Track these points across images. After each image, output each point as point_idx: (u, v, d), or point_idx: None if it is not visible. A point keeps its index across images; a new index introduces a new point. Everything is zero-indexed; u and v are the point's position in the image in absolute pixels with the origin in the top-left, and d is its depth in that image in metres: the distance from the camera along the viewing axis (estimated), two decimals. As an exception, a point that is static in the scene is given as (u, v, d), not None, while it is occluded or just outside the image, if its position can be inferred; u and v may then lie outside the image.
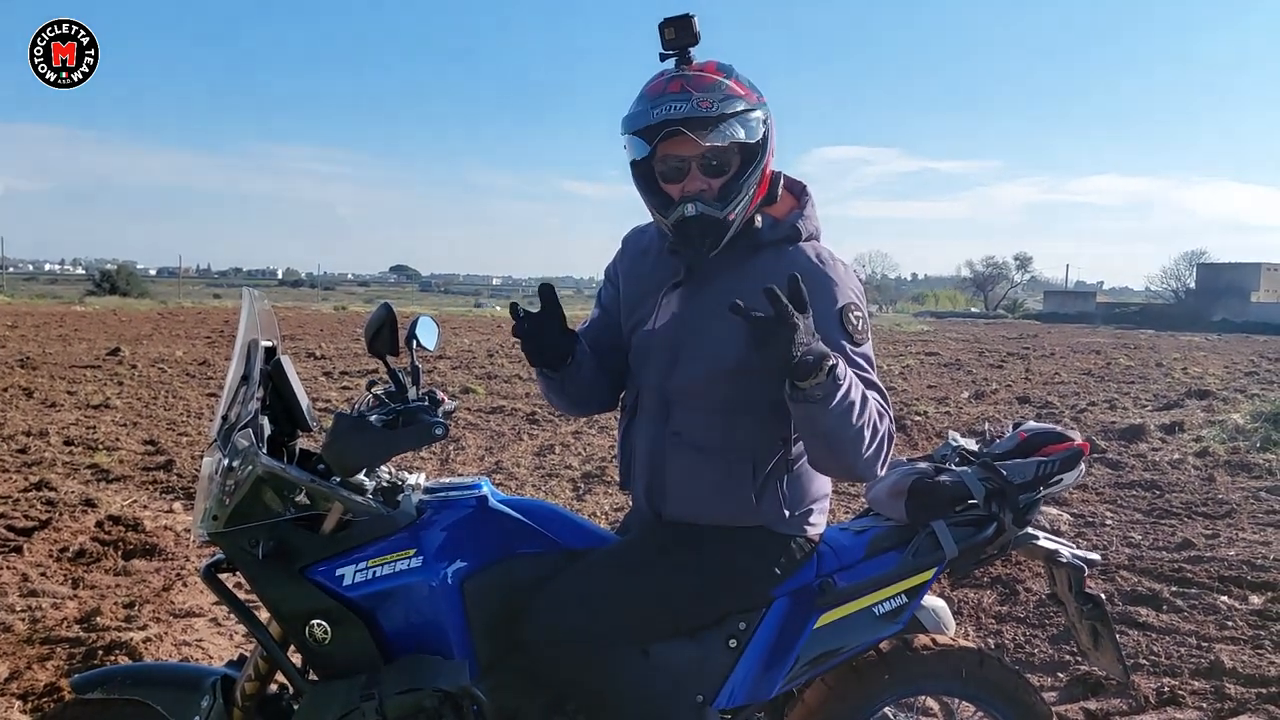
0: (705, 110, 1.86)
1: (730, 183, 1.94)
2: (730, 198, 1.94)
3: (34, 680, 3.38)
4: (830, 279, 1.97)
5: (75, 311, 26.53)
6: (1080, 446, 2.23)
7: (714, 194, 1.94)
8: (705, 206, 1.93)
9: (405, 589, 2.00)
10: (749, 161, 1.95)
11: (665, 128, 1.87)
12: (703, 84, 1.89)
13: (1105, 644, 2.26)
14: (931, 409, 11.02)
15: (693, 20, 1.93)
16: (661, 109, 1.87)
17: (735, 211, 1.96)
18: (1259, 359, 20.34)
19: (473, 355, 16.15)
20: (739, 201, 1.95)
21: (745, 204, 1.97)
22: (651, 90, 1.92)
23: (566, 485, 6.77)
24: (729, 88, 1.90)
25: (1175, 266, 57.78)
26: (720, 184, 1.94)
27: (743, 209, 1.97)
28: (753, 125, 1.92)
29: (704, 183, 1.94)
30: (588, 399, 2.21)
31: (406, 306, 22.83)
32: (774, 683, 2.08)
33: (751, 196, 1.98)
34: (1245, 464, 7.83)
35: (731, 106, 1.89)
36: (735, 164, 1.94)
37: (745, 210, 1.98)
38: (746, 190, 1.96)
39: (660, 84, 1.92)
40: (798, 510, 2.07)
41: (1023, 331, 33.71)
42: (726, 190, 1.94)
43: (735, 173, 1.95)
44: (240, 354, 2.07)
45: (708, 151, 1.91)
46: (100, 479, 6.58)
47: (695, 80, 1.90)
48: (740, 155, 1.94)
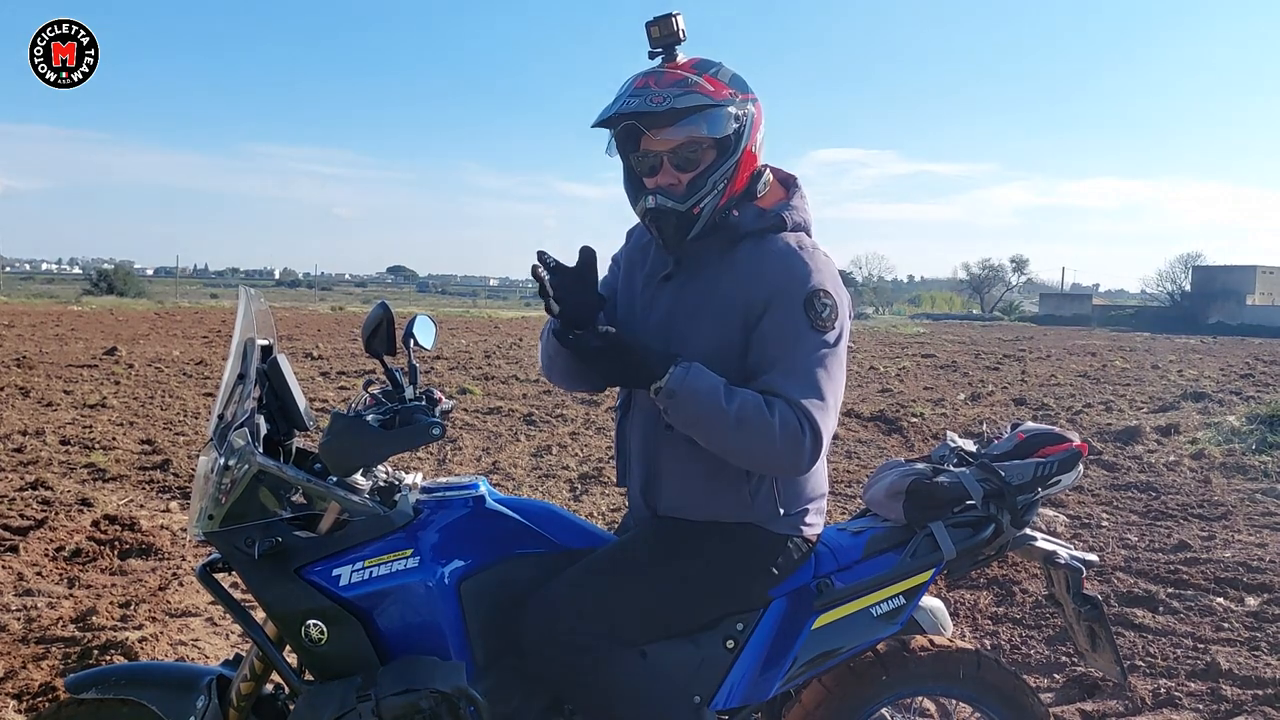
0: (655, 105, 1.90)
1: (698, 178, 1.97)
2: (696, 191, 1.97)
3: (29, 680, 3.37)
4: (804, 263, 1.99)
5: (72, 311, 26.49)
6: (1078, 448, 2.23)
7: (681, 188, 1.98)
8: (665, 199, 1.97)
9: (402, 589, 1.99)
10: (721, 156, 1.97)
11: (620, 121, 1.93)
12: (666, 81, 1.93)
13: (1102, 645, 2.25)
14: (928, 410, 11.04)
15: (675, 18, 1.97)
16: (619, 103, 1.93)
17: (701, 205, 1.98)
18: (1254, 361, 20.37)
19: (470, 356, 16.15)
20: (705, 195, 1.98)
21: (715, 198, 1.99)
22: (624, 86, 1.98)
23: (564, 486, 6.77)
24: (696, 84, 1.93)
25: (1170, 269, 57.78)
26: (689, 178, 1.98)
27: (711, 202, 1.99)
28: (717, 120, 1.94)
29: (674, 177, 1.98)
30: (584, 374, 2.20)
31: (404, 307, 22.81)
32: (771, 683, 2.07)
33: (724, 190, 2.00)
34: (1241, 466, 7.85)
35: (686, 102, 1.91)
36: (708, 158, 1.98)
37: (715, 203, 2.00)
38: (715, 184, 1.98)
39: (630, 80, 1.98)
40: (793, 509, 2.07)
41: (1019, 334, 33.76)
42: (694, 184, 1.98)
43: (706, 168, 1.97)
44: (237, 353, 2.07)
45: (677, 146, 1.96)
46: (96, 478, 6.56)
47: (661, 77, 1.94)
48: (715, 149, 1.97)
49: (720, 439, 1.90)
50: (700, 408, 1.88)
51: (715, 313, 2.01)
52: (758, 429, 1.86)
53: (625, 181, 2.06)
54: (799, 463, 1.89)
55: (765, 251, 2.00)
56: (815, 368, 1.91)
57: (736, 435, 1.87)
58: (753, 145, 2.01)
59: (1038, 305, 63.41)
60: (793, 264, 1.98)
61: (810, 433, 1.87)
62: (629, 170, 2.04)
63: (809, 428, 1.87)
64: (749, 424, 1.86)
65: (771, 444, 1.86)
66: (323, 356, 15.22)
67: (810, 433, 1.87)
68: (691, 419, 1.90)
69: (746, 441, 1.88)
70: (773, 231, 2.04)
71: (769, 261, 1.99)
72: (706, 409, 1.87)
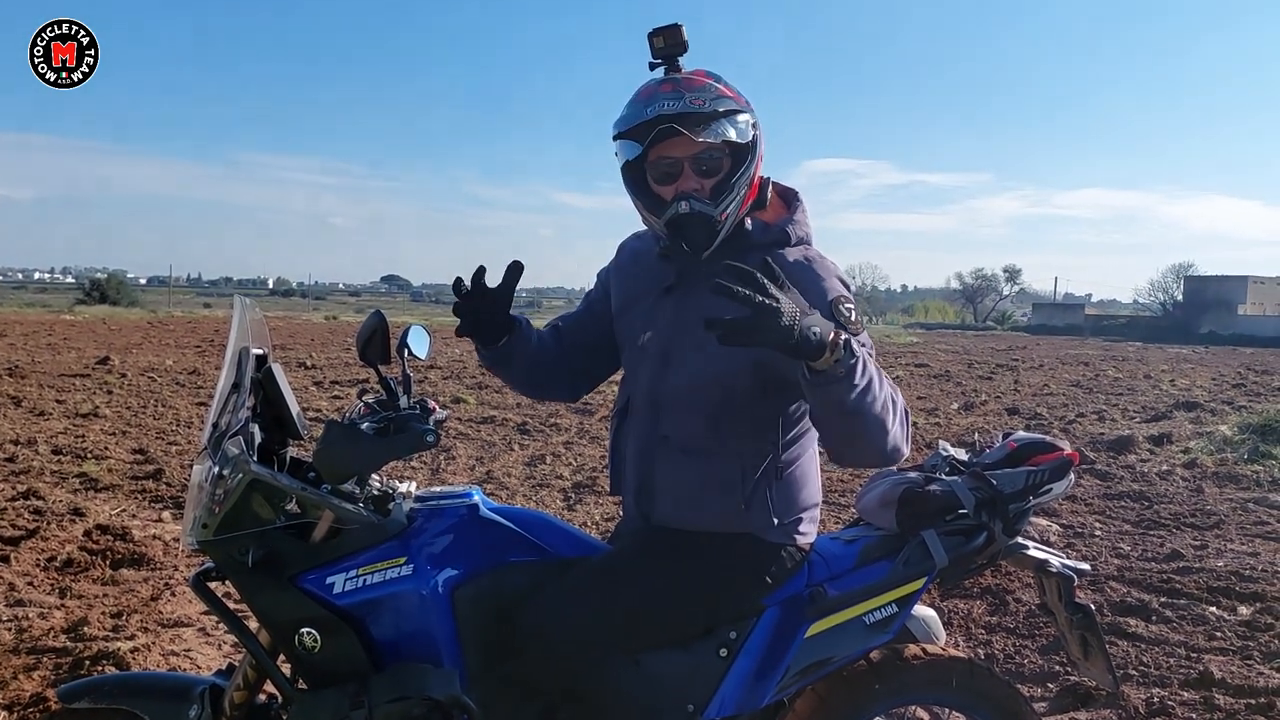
0: (698, 107, 1.91)
1: (722, 182, 1.98)
2: (722, 197, 1.97)
3: (20, 690, 3.35)
4: (817, 275, 1.98)
5: (65, 320, 26.39)
6: (1070, 456, 2.24)
7: (706, 193, 1.97)
8: (699, 204, 1.96)
9: (395, 597, 1.99)
10: (739, 163, 1.99)
11: (659, 124, 1.91)
12: (694, 85, 1.95)
13: (1095, 654, 2.26)
14: (921, 419, 11.05)
15: (681, 29, 1.98)
16: (655, 106, 1.91)
17: (727, 211, 1.99)
18: (1246, 371, 20.43)
19: (464, 365, 16.12)
20: (730, 201, 1.98)
21: (736, 204, 2.00)
22: (643, 92, 1.97)
23: (557, 495, 6.76)
24: (719, 89, 1.96)
25: (1163, 279, 58.10)
26: (712, 184, 1.98)
27: (734, 209, 2.00)
28: (743, 127, 1.97)
29: (697, 182, 1.97)
30: (541, 383, 2.27)
31: (398, 316, 22.76)
32: (764, 692, 2.08)
33: (742, 198, 2.01)
34: (1233, 475, 7.86)
35: (723, 105, 1.93)
36: (726, 165, 1.98)
37: (736, 211, 2.01)
38: (738, 190, 1.99)
39: (651, 87, 1.97)
40: (787, 518, 2.07)
41: (1011, 343, 33.80)
42: (718, 189, 1.97)
43: (726, 173, 1.98)
44: (231, 361, 2.07)
45: (701, 151, 1.95)
46: (89, 488, 6.54)
47: (686, 82, 1.95)
48: (731, 157, 1.98)
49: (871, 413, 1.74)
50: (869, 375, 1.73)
51: None
52: (897, 406, 1.80)
53: (633, 190, 2.04)
54: (906, 448, 1.85)
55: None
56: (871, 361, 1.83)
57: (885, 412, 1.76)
58: (762, 149, 2.04)
59: (1030, 315, 63.55)
60: (807, 277, 1.95)
61: (908, 417, 1.85)
62: (638, 180, 2.03)
63: (907, 412, 1.85)
64: (892, 401, 1.78)
65: (902, 425, 1.82)
66: (316, 365, 15.19)
67: (908, 417, 1.85)
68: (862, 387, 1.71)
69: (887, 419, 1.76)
70: (777, 246, 2.04)
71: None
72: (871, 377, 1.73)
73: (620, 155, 2.01)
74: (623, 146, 1.99)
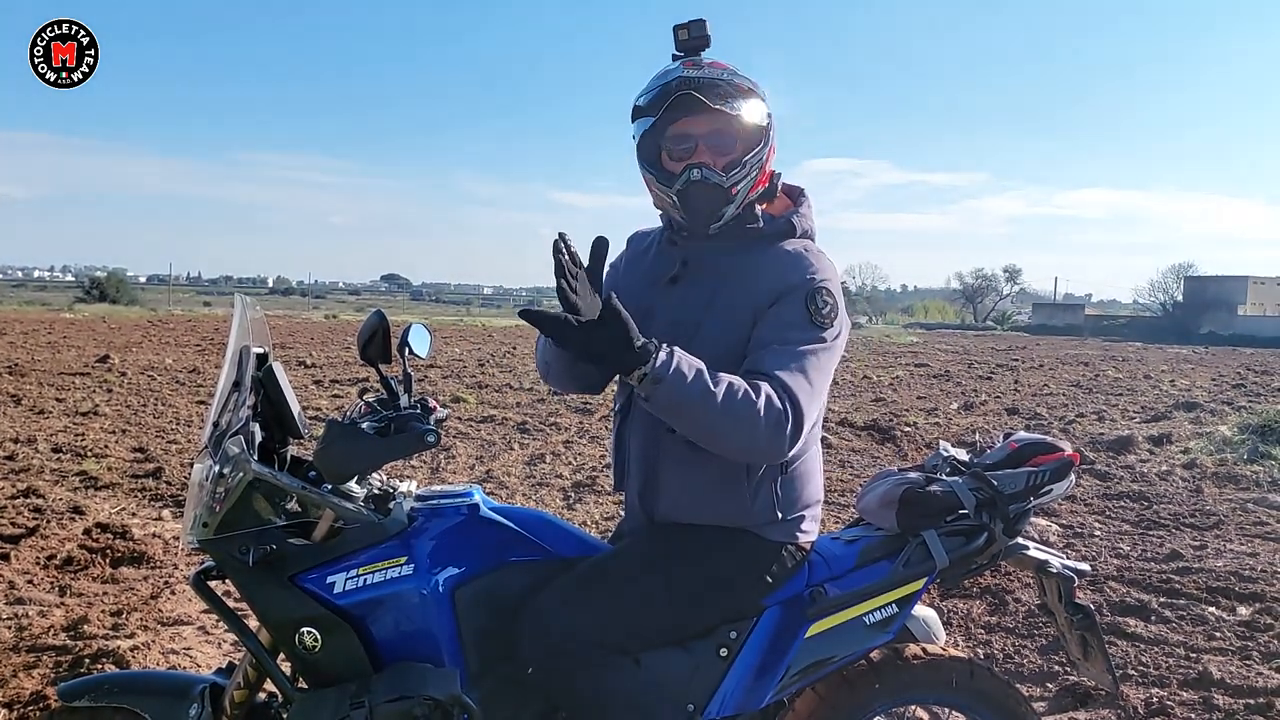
0: (717, 75, 1.99)
1: (736, 159, 2.02)
2: (733, 170, 2.02)
3: (20, 688, 3.35)
4: (811, 263, 2.04)
5: (64, 318, 26.41)
6: (1070, 457, 2.24)
7: (719, 168, 2.02)
8: (709, 172, 2.00)
9: (396, 597, 1.99)
10: (752, 146, 2.03)
11: (680, 89, 1.97)
12: (715, 66, 2.03)
13: (1095, 654, 2.26)
14: (921, 420, 11.06)
15: (705, 24, 2.04)
16: (675, 74, 2.00)
17: (739, 186, 2.03)
18: (1245, 371, 20.44)
19: (463, 364, 16.13)
20: (742, 176, 2.03)
21: (748, 183, 2.04)
22: (663, 69, 2.04)
23: (557, 494, 6.76)
24: (737, 75, 2.03)
25: (1163, 279, 58.05)
26: (725, 161, 2.02)
27: (745, 186, 2.04)
28: (757, 109, 2.03)
29: (711, 158, 2.02)
30: (582, 374, 2.21)
31: (398, 315, 22.81)
32: (765, 692, 2.08)
33: (754, 179, 2.05)
34: (1233, 476, 7.87)
35: (741, 82, 2.01)
36: (740, 147, 2.02)
37: (747, 191, 2.05)
38: (749, 169, 2.03)
39: (673, 65, 2.04)
40: (790, 514, 2.08)
41: (1011, 343, 33.83)
42: (731, 165, 2.02)
43: (740, 153, 2.03)
44: (232, 360, 2.07)
45: (716, 127, 2.00)
46: (88, 486, 6.54)
47: (708, 64, 2.03)
48: (744, 140, 2.02)
49: (706, 422, 1.85)
50: (687, 391, 1.82)
51: (723, 314, 2.03)
52: (743, 411, 1.83)
53: (645, 165, 2.07)
54: (780, 446, 1.87)
55: (775, 255, 2.06)
56: (807, 355, 1.93)
57: (722, 418, 1.83)
58: (774, 142, 2.08)
59: (1030, 315, 63.54)
60: (800, 263, 2.03)
61: (793, 416, 1.86)
62: (653, 156, 2.06)
63: (792, 410, 1.86)
64: (735, 407, 1.83)
65: (755, 427, 1.84)
66: (316, 364, 15.20)
67: (793, 416, 1.86)
68: (676, 403, 1.83)
69: (732, 424, 1.84)
70: (781, 238, 2.09)
71: (778, 263, 2.04)
72: (694, 391, 1.82)
73: (637, 131, 2.06)
74: (640, 122, 2.04)
